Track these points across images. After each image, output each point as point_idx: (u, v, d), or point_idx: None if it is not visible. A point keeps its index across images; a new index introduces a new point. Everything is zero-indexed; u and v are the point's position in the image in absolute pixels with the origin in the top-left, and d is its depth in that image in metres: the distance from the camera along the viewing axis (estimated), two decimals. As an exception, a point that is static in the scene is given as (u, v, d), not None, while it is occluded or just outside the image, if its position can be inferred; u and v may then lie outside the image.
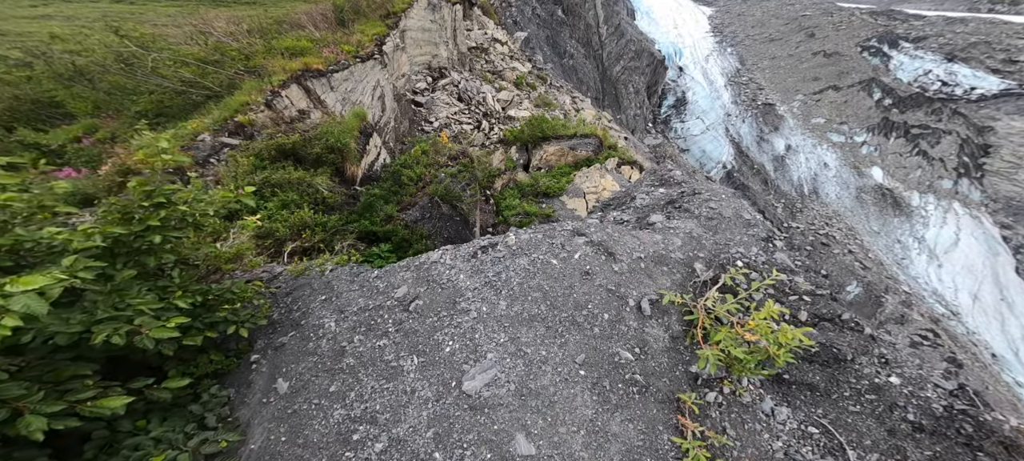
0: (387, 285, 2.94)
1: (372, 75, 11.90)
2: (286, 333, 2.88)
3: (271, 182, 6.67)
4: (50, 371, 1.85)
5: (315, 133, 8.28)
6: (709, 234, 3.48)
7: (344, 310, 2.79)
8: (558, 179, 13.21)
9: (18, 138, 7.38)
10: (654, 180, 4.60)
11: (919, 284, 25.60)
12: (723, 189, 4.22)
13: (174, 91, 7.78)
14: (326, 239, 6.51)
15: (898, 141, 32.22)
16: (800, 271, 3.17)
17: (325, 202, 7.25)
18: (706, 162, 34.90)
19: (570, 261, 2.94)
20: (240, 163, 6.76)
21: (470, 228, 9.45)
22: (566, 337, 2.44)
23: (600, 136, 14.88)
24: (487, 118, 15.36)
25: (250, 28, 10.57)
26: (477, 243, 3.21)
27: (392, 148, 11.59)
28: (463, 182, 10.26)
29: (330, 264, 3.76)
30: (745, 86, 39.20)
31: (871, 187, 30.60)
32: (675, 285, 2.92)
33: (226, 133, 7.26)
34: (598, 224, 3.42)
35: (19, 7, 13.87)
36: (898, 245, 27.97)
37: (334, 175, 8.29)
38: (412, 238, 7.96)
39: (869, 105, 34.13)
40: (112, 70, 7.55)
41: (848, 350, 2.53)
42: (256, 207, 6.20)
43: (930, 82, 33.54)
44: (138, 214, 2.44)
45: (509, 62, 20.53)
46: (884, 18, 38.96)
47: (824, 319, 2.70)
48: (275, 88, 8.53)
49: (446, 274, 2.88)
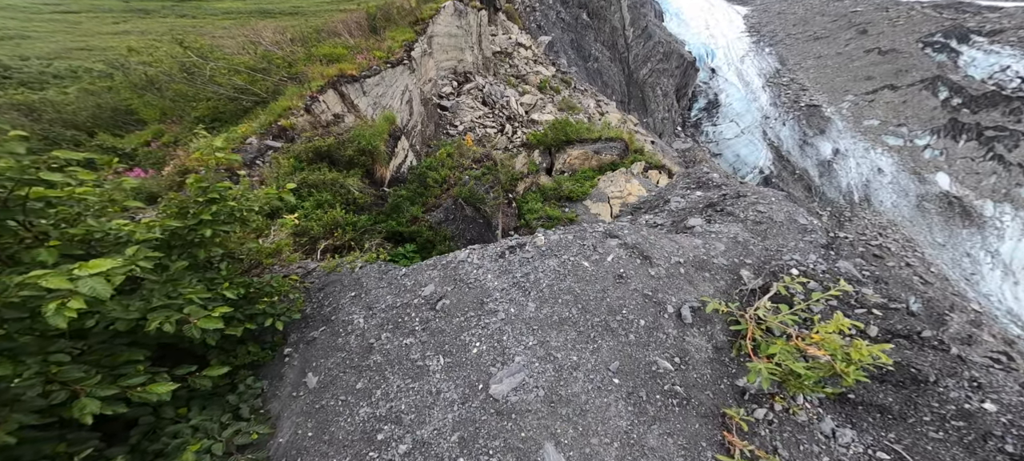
0: (414, 283, 2.92)
1: (401, 80, 12.30)
2: (317, 328, 2.93)
3: (308, 182, 7.00)
4: (108, 355, 1.96)
5: (348, 136, 8.63)
6: (757, 239, 3.17)
7: (372, 307, 2.80)
8: (582, 183, 12.94)
9: (98, 142, 8.28)
10: (689, 182, 4.29)
11: (991, 302, 22.60)
12: (772, 192, 3.85)
13: (228, 98, 8.41)
14: (356, 238, 6.72)
15: (969, 144, 28.81)
16: (869, 282, 2.80)
17: (356, 202, 7.51)
18: (740, 167, 32.98)
19: (602, 264, 2.78)
20: (281, 164, 7.16)
21: (493, 231, 9.43)
22: (599, 343, 2.29)
23: (626, 140, 14.45)
24: (511, 122, 15.40)
25: (293, 37, 11.27)
26: (504, 243, 3.12)
27: (419, 151, 11.88)
28: (486, 185, 10.29)
29: (360, 261, 3.84)
30: (786, 87, 36.75)
31: (935, 195, 27.51)
32: (718, 293, 2.68)
33: (271, 136, 7.74)
34: (631, 226, 3.21)
35: (103, 25, 15.70)
36: (967, 259, 24.89)
37: (365, 176, 8.59)
38: (436, 239, 8.06)
39: (933, 105, 30.83)
40: (176, 79, 8.31)
41: (930, 371, 2.18)
42: (295, 206, 6.53)
43: (1008, 79, 29.80)
44: (192, 209, 2.59)
45: (533, 66, 20.54)
46: (951, 11, 35.20)
47: (899, 335, 2.35)
48: (314, 93, 9.01)
49: (473, 274, 2.82)
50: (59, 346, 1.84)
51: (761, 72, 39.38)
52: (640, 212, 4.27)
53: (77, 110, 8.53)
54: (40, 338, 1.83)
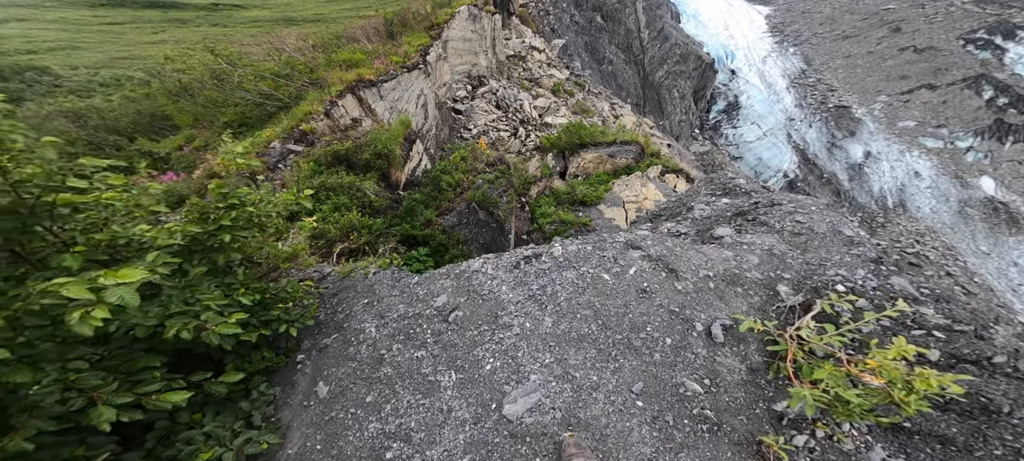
0: (427, 293, 2.83)
1: (416, 84, 12.42)
2: (330, 335, 2.88)
3: (326, 186, 7.10)
4: (126, 361, 1.96)
5: (365, 140, 8.73)
6: (796, 252, 2.89)
7: (384, 316, 2.72)
8: (596, 187, 12.65)
9: (137, 147, 8.72)
10: (714, 188, 4.00)
11: (1048, 321, 20.61)
12: (812, 200, 3.51)
13: (254, 103, 8.69)
14: (371, 241, 6.75)
15: (1016, 146, 26.62)
16: (928, 301, 2.50)
17: (371, 205, 7.56)
18: (763, 170, 31.65)
19: (624, 277, 2.59)
20: (302, 168, 7.31)
21: (505, 235, 9.32)
22: (620, 362, 2.11)
23: (641, 143, 14.07)
24: (524, 125, 15.29)
25: (314, 43, 11.58)
26: (520, 253, 2.98)
27: (433, 154, 11.93)
28: (500, 189, 10.21)
29: (373, 267, 3.79)
30: (813, 88, 35.07)
31: (979, 200, 25.51)
32: (752, 310, 2.44)
33: (292, 141, 7.92)
34: (654, 236, 3.00)
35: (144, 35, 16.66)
36: (1014, 269, 22.91)
37: (380, 180, 8.67)
38: (449, 243, 8.03)
39: (977, 105, 28.68)
40: (207, 86, 8.66)
41: (1004, 401, 1.89)
42: (313, 209, 6.64)
43: (1062, 76, 27.37)
44: (213, 214, 2.59)
45: (546, 69, 20.39)
46: (995, 7, 32.75)
47: (965, 361, 2.06)
48: (333, 98, 9.19)
49: (487, 285, 2.70)
50: (78, 353, 1.84)
51: (785, 73, 37.76)
52: (661, 219, 4.03)
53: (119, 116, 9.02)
54: (60, 345, 1.84)
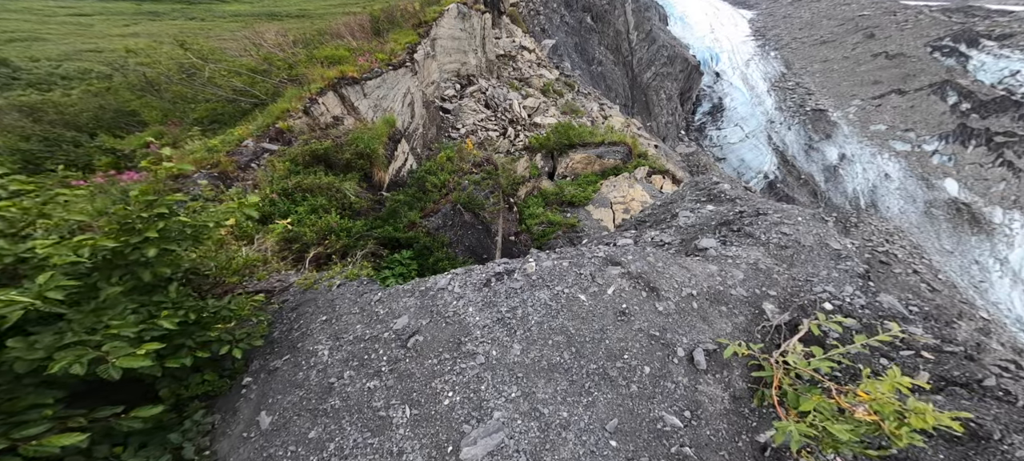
0: (387, 313, 2.56)
1: (403, 82, 11.99)
2: (282, 356, 2.59)
3: (302, 186, 6.71)
4: (8, 399, 1.65)
5: (346, 139, 8.33)
6: (782, 267, 2.72)
7: (340, 337, 2.45)
8: (584, 188, 12.54)
9: (98, 144, 8.09)
10: (699, 195, 3.84)
11: (1000, 310, 21.66)
12: (798, 210, 3.38)
13: (227, 100, 8.17)
14: (349, 245, 6.41)
15: (978, 150, 27.75)
16: (917, 319, 2.37)
17: (352, 207, 7.20)
18: (744, 171, 32.21)
19: (602, 297, 2.38)
20: (276, 168, 6.88)
21: (492, 237, 9.08)
22: (595, 395, 1.91)
23: (629, 144, 14.01)
24: (513, 125, 15.02)
25: (295, 39, 11.02)
26: (491, 268, 2.73)
27: (420, 154, 11.56)
28: (486, 190, 9.93)
29: (339, 278, 3.49)
30: (792, 91, 35.80)
31: (943, 201, 26.53)
32: (737, 331, 2.28)
33: (267, 139, 7.47)
34: (635, 249, 2.80)
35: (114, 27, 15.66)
36: (975, 266, 23.95)
37: (363, 180, 8.29)
38: (433, 245, 7.73)
39: (942, 110, 29.76)
40: (175, 81, 8.08)
41: (994, 426, 1.78)
42: (287, 210, 6.24)
43: (1018, 84, 28.63)
44: (138, 225, 2.25)
45: (536, 69, 20.13)
46: (960, 15, 33.96)
47: (955, 384, 1.94)
48: (313, 95, 8.73)
49: (453, 305, 2.45)
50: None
51: (766, 76, 38.45)
52: (645, 226, 3.84)
53: (79, 111, 8.36)
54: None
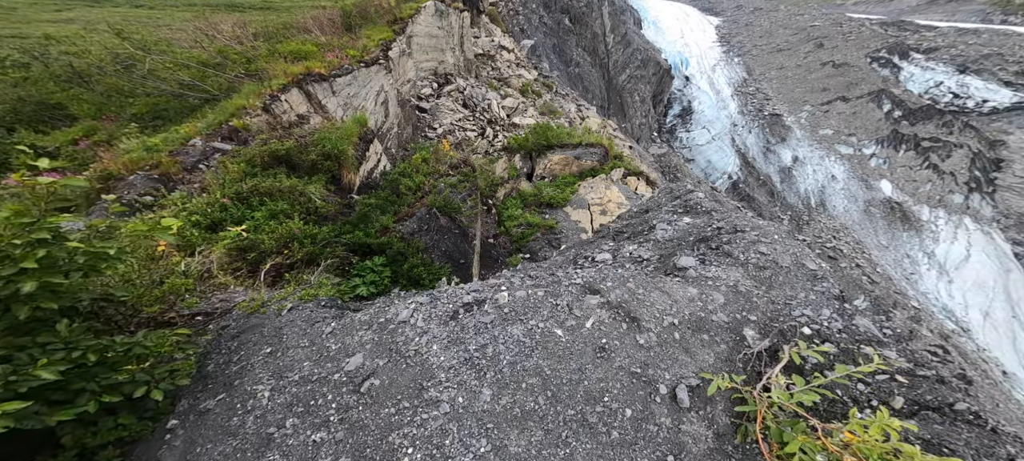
0: (339, 349, 2.24)
1: (376, 80, 11.34)
2: (216, 395, 2.22)
3: (260, 190, 6.09)
4: None
5: (312, 139, 7.71)
6: (761, 289, 2.64)
7: (284, 376, 2.11)
8: (562, 189, 12.50)
9: (16, 140, 6.97)
10: (676, 205, 3.75)
11: (928, 300, 24.09)
12: (774, 226, 3.34)
13: (171, 94, 7.29)
14: (315, 252, 5.89)
15: (908, 154, 30.57)
16: (891, 342, 2.37)
17: (318, 212, 6.65)
18: (711, 172, 33.68)
19: (580, 332, 2.17)
20: (229, 169, 6.21)
21: (470, 241, 8.78)
22: (573, 445, 1.71)
23: (606, 145, 14.13)
24: (492, 125, 14.69)
25: (256, 32, 10.09)
26: (459, 298, 2.44)
27: (394, 154, 11.00)
28: (463, 193, 9.59)
29: (291, 300, 3.10)
30: (752, 96, 37.77)
31: (880, 200, 29.05)
32: (719, 360, 2.16)
33: (219, 138, 6.73)
34: (614, 273, 2.61)
35: (43, 11, 13.71)
36: (907, 260, 26.44)
37: (331, 183, 7.71)
38: (408, 251, 7.31)
39: (878, 117, 32.49)
40: (109, 72, 7.09)
41: (965, 451, 1.77)
42: (241, 217, 5.62)
43: (941, 94, 31.77)
44: (13, 253, 1.80)
45: (515, 69, 19.85)
46: (894, 29, 37.14)
47: (927, 407, 1.92)
48: (274, 92, 8.00)
49: (414, 343, 2.15)
50: None
51: (730, 81, 40.32)
52: (622, 238, 3.71)
53: (-8, 103, 7.17)
54: None
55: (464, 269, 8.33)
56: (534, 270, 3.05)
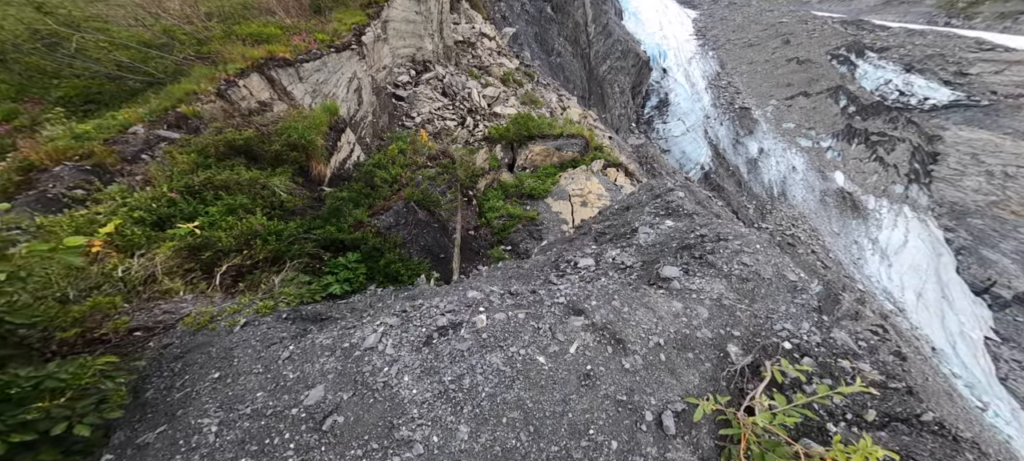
0: (298, 378, 1.95)
1: (348, 66, 10.55)
2: (157, 426, 1.91)
3: (215, 183, 5.51)
4: None
5: (275, 128, 7.07)
6: (744, 302, 2.56)
7: (235, 408, 1.83)
8: (543, 180, 12.33)
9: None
10: (657, 207, 3.64)
11: (872, 283, 26.20)
12: (755, 235, 3.24)
13: (107, 76, 6.40)
14: (281, 250, 5.43)
15: (859, 147, 32.56)
16: (865, 355, 2.36)
17: (283, 206, 6.13)
18: (685, 163, 34.56)
19: (563, 357, 2.01)
20: (178, 160, 5.57)
21: (450, 235, 8.48)
22: None
23: (586, 137, 14.02)
24: (472, 114, 14.18)
25: (209, 12, 9.03)
26: (433, 320, 2.17)
27: (369, 144, 10.39)
28: (443, 185, 9.21)
29: (245, 314, 2.76)
30: (724, 89, 38.74)
31: (833, 190, 30.94)
32: (704, 380, 2.07)
33: (165, 125, 6.00)
34: (599, 288, 2.42)
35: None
36: (855, 246, 28.51)
37: (299, 175, 7.14)
38: (384, 246, 6.92)
39: (835, 111, 34.26)
40: (26, 51, 6.10)
41: (929, 460, 1.79)
42: (193, 213, 5.06)
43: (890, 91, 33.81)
44: None
45: (496, 58, 19.18)
46: (854, 27, 38.88)
47: (896, 419, 1.93)
48: (231, 77, 7.22)
49: (383, 373, 1.88)
50: None
51: (705, 74, 41.09)
52: (605, 239, 3.57)
53: None
54: None
55: (444, 263, 8.05)
56: (515, 285, 2.85)
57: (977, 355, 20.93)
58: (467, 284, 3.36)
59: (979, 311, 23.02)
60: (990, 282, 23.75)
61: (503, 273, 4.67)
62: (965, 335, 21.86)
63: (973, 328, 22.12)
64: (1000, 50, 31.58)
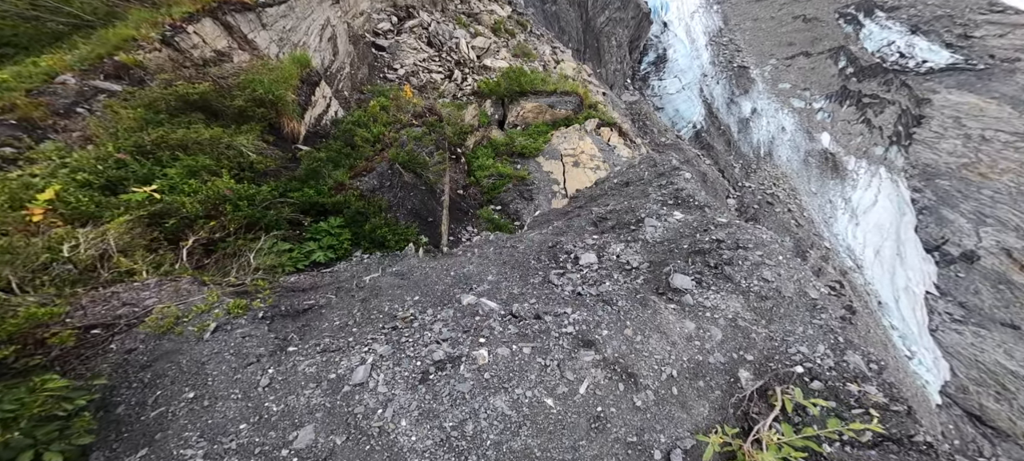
0: (283, 413, 1.62)
1: (320, 12, 8.98)
2: (137, 448, 1.61)
3: (170, 142, 4.76)
4: None
5: (236, 81, 6.07)
6: (761, 323, 2.26)
7: (218, 439, 1.55)
8: (535, 139, 11.45)
9: None
10: (665, 193, 3.14)
11: (838, 240, 26.81)
12: (777, 242, 2.73)
13: (19, 16, 5.18)
14: (255, 216, 4.87)
15: (849, 109, 31.25)
16: (873, 378, 2.06)
17: (253, 168, 5.44)
18: (678, 121, 33.01)
19: (573, 398, 1.74)
20: (122, 116, 4.73)
21: (437, 198, 7.91)
22: None
23: (581, 94, 12.85)
24: (460, 67, 12.68)
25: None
26: (429, 353, 1.84)
27: (347, 98, 9.26)
28: (430, 146, 8.39)
29: (214, 316, 2.30)
30: (725, 47, 35.72)
31: (818, 151, 30.27)
32: (713, 409, 1.84)
33: (102, 75, 5.02)
34: (609, 313, 2.08)
35: None
36: (829, 205, 28.68)
37: (269, 133, 6.30)
38: (369, 210, 6.37)
39: (833, 73, 32.25)
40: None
41: None
42: (148, 175, 4.39)
43: (890, 53, 31.61)
44: None
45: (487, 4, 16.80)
46: (866, -20, 35.03)
47: (889, 439, 1.73)
48: (177, 22, 5.98)
49: (378, 416, 1.57)
50: None
51: (706, 30, 37.55)
52: (606, 227, 3.09)
53: None
54: None
55: (432, 227, 7.59)
56: (515, 285, 2.40)
57: (915, 308, 22.23)
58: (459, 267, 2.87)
59: (927, 268, 24.05)
60: (943, 240, 24.50)
61: (496, 253, 4.19)
62: (909, 290, 23.03)
63: (917, 283, 23.24)
64: (1010, 12, 29.08)
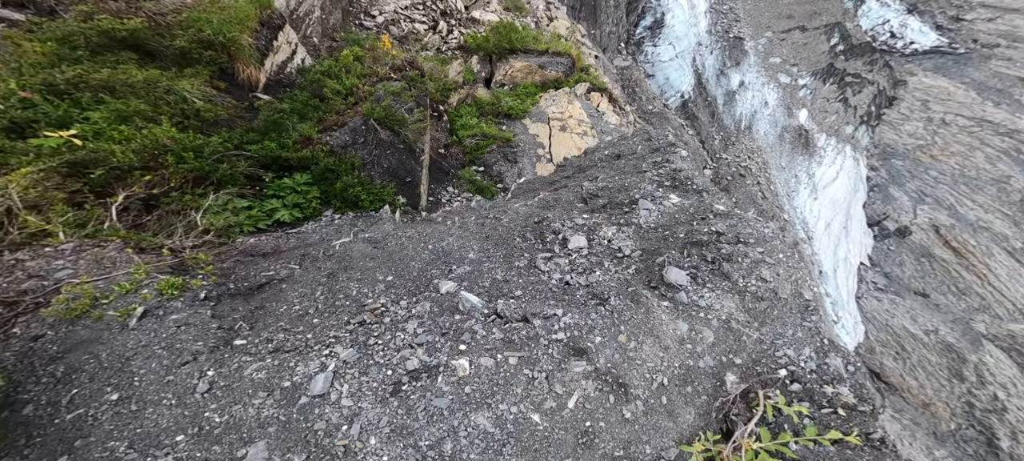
0: (227, 425, 1.27)
1: (275, -75, 7.15)
2: (55, 455, 1.26)
3: (90, 82, 3.86)
4: None
5: (178, 19, 4.91)
6: (753, 325, 2.06)
7: (151, 452, 1.21)
8: (523, 100, 10.43)
9: None
10: (661, 173, 2.72)
11: (796, 213, 27.62)
12: (777, 237, 2.37)
13: None
14: (204, 170, 4.18)
15: (831, 87, 30.17)
16: (848, 380, 1.91)
17: (199, 116, 4.60)
18: (667, 90, 31.26)
19: (561, 413, 1.50)
20: (26, 50, 3.74)
21: (417, 158, 7.20)
22: None
23: (573, 56, 11.58)
24: (446, 17, 10.98)
25: None
26: (401, 361, 1.50)
27: (317, 45, 7.91)
28: (410, 102, 7.42)
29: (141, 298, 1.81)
30: (724, 15, 32.66)
31: (794, 127, 29.75)
32: (699, 415, 1.70)
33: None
34: (602, 317, 1.80)
35: None
36: (793, 179, 29.00)
37: (220, 78, 5.29)
38: (340, 168, 5.68)
39: (824, 49, 30.43)
40: None
41: None
42: (65, 119, 3.59)
43: (882, 32, 29.77)
44: None
45: (477, -61, 14.14)
46: (877, -53, 31.48)
47: (850, 435, 1.64)
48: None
49: (342, 433, 1.26)
50: None
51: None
52: (597, 205, 2.69)
53: None
54: None
55: (411, 188, 7.00)
56: (498, 268, 2.04)
57: (848, 277, 23.90)
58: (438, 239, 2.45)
59: (866, 241, 25.43)
60: (884, 216, 25.63)
61: (478, 224, 3.78)
62: (847, 260, 24.53)
63: (855, 255, 24.72)
64: (1007, -4, 27.21)
